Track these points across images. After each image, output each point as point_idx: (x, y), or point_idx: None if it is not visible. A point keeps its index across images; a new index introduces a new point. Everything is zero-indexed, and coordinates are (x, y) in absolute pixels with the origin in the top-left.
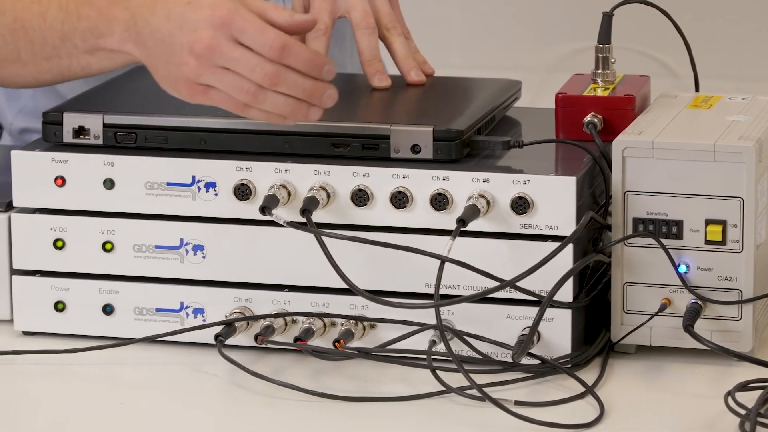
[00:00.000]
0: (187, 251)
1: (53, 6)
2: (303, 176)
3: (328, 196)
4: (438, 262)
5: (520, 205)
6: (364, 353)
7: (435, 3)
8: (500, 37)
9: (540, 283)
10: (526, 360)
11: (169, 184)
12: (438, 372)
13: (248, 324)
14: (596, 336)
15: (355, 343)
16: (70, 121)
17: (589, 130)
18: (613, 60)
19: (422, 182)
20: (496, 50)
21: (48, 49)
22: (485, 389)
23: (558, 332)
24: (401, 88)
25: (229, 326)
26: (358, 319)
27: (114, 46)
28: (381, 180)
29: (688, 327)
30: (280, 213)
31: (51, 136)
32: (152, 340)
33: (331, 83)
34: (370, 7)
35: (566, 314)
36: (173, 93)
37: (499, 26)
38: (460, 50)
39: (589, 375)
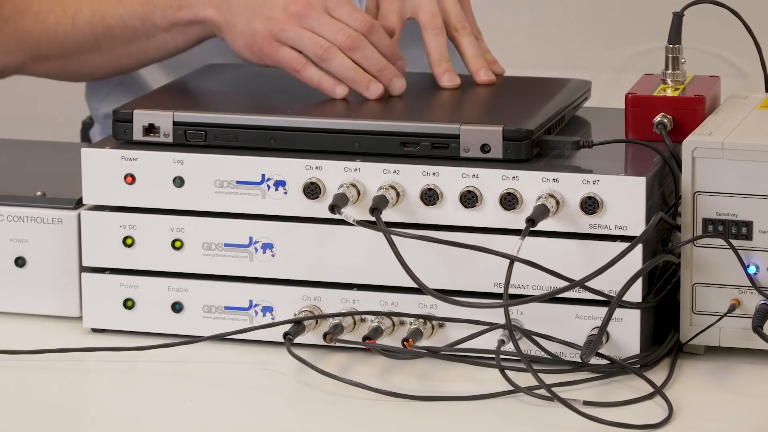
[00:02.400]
0: (256, 249)
1: None
2: (372, 175)
3: (398, 195)
4: (507, 261)
5: (590, 205)
6: (433, 352)
7: (504, 2)
8: (570, 37)
9: (609, 283)
10: (594, 360)
11: (238, 182)
12: (507, 372)
13: (317, 322)
14: (665, 336)
15: (423, 342)
16: (140, 118)
17: (659, 130)
18: (683, 60)
19: (492, 182)
20: (566, 50)
21: (128, 33)
22: (554, 389)
23: (627, 332)
24: (470, 88)
25: (298, 324)
26: (427, 318)
27: (192, 15)
28: (450, 179)
29: (758, 328)
30: (349, 212)
31: (121, 134)
32: (221, 338)
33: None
34: (438, 7)
35: (635, 314)
36: (245, 51)
37: (568, 26)
38: (529, 50)
39: (657, 375)
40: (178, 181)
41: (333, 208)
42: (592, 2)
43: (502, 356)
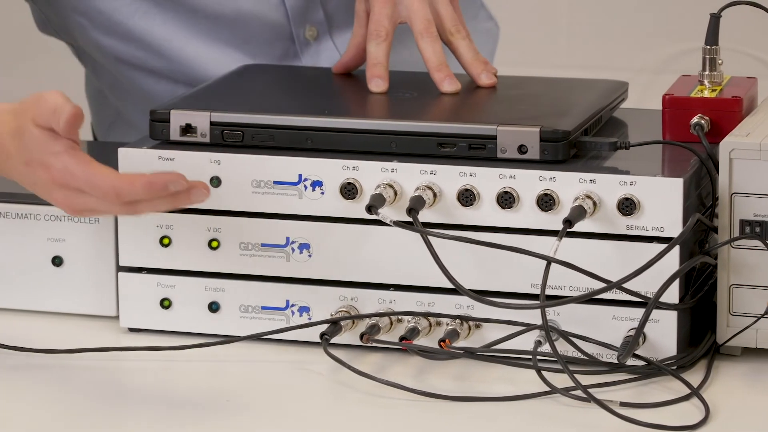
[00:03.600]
0: (293, 249)
1: None
2: (409, 176)
3: (435, 195)
4: (544, 262)
5: (627, 206)
6: (470, 353)
7: (542, 4)
8: (607, 38)
9: (646, 284)
10: (631, 361)
11: (275, 182)
12: (543, 372)
13: (353, 323)
14: (702, 338)
15: (460, 343)
16: (178, 118)
17: (696, 131)
18: (720, 61)
19: (529, 182)
20: (603, 51)
21: None
22: (590, 390)
23: (664, 334)
24: (507, 89)
25: (335, 325)
26: (464, 318)
27: None
28: (487, 180)
29: None
30: (386, 212)
31: (158, 134)
32: (257, 338)
33: (193, 182)
34: (431, 11)
35: (672, 316)
36: None
37: (605, 27)
38: (566, 51)
39: (694, 377)
40: (215, 181)
41: (370, 209)
42: (630, 3)
43: (538, 357)
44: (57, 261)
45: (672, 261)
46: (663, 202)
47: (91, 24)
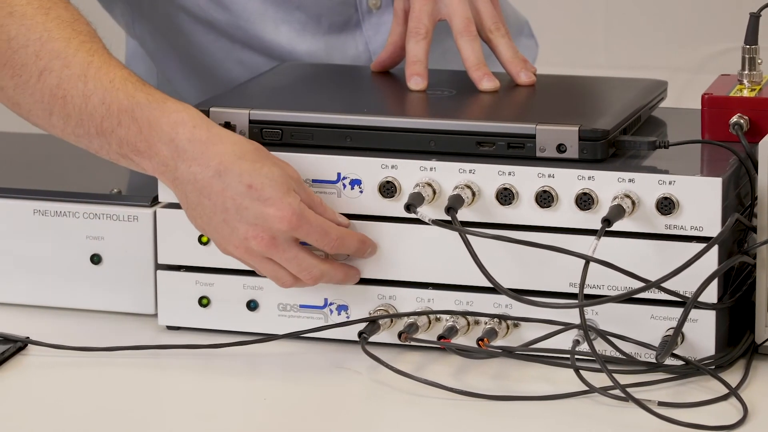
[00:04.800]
0: None
1: (98, 94)
2: (448, 174)
3: (473, 194)
4: (582, 261)
5: (666, 206)
6: (508, 352)
7: (580, 3)
8: (646, 37)
9: (684, 284)
10: (669, 361)
11: (314, 180)
12: (581, 372)
13: (392, 321)
14: (740, 338)
15: (498, 342)
16: (217, 116)
17: (735, 131)
18: (759, 61)
19: (567, 182)
20: (642, 50)
21: (81, 131)
22: (628, 389)
23: (702, 333)
24: (545, 87)
25: (373, 323)
26: (502, 317)
27: (147, 170)
28: (526, 179)
29: None
30: (425, 211)
31: None
32: (296, 336)
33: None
34: (471, 9)
35: (711, 315)
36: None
37: (644, 26)
38: (605, 50)
39: (732, 377)
40: None
41: (408, 207)
42: (669, 2)
43: (576, 356)
44: (95, 259)
45: (710, 261)
46: (702, 202)
47: None
